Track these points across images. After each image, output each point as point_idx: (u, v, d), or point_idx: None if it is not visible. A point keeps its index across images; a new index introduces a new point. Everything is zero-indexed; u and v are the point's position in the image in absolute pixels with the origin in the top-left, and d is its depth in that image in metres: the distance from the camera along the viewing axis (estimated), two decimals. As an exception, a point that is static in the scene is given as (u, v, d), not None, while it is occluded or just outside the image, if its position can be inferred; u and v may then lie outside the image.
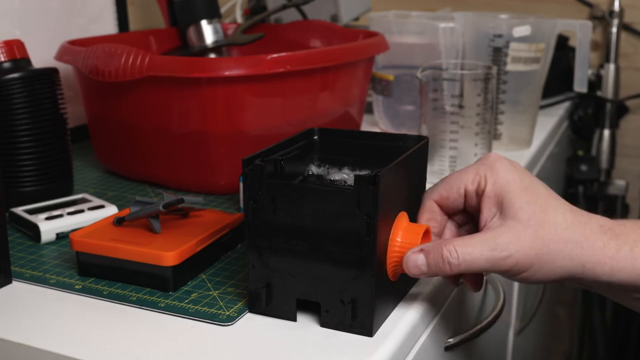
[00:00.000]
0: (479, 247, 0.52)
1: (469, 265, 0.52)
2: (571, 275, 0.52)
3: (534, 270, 0.52)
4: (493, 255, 0.51)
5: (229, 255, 0.67)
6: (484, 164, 0.56)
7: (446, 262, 0.52)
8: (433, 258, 0.52)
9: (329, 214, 0.51)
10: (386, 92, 1.06)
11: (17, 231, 0.73)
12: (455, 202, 0.57)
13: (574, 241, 0.52)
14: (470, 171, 0.56)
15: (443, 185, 0.58)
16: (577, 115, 1.41)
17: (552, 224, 0.52)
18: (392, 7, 1.36)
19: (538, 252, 0.51)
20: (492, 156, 0.56)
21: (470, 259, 0.51)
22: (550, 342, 1.65)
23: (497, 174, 0.55)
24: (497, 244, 0.51)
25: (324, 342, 0.52)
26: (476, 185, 0.56)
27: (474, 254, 0.51)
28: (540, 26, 0.98)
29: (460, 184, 0.56)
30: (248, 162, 0.54)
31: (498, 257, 0.51)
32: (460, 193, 0.57)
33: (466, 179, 0.56)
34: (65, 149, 0.81)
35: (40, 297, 0.59)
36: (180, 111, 0.79)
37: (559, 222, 0.52)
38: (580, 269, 0.52)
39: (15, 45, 0.77)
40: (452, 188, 0.57)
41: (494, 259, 0.51)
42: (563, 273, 0.52)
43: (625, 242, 0.52)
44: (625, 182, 1.52)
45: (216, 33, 1.00)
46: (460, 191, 0.56)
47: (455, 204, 0.57)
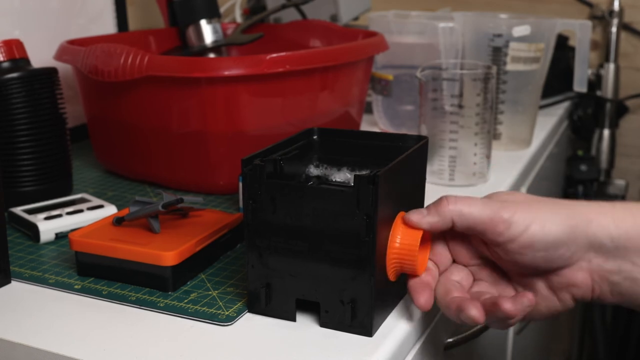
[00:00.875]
0: (476, 199, 0.53)
1: (468, 207, 0.52)
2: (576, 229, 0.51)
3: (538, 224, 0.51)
4: (490, 202, 0.52)
5: (229, 255, 0.67)
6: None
7: (444, 200, 0.53)
8: (433, 203, 0.54)
9: (328, 214, 0.51)
10: (386, 92, 1.06)
11: (16, 231, 0.73)
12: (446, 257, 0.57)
13: (572, 201, 0.54)
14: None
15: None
16: (577, 115, 1.41)
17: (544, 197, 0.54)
18: (392, 7, 1.36)
19: (539, 202, 0.53)
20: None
21: (468, 201, 0.52)
22: (550, 342, 1.65)
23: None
24: (494, 199, 0.53)
25: (323, 342, 0.52)
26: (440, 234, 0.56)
27: (472, 200, 0.53)
28: (540, 26, 0.98)
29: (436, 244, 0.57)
30: (247, 162, 0.54)
31: (496, 203, 0.52)
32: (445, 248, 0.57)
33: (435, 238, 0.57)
34: (65, 149, 0.81)
35: (39, 297, 0.59)
36: (179, 111, 0.79)
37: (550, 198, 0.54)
38: (585, 220, 0.51)
39: (14, 45, 0.77)
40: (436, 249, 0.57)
41: (492, 204, 0.52)
42: (568, 227, 0.51)
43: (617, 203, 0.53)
44: (625, 182, 1.52)
45: (215, 33, 1.00)
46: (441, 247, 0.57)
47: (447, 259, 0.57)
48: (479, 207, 0.52)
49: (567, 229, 0.51)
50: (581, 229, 0.52)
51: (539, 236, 0.51)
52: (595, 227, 0.52)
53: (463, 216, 0.52)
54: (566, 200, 0.54)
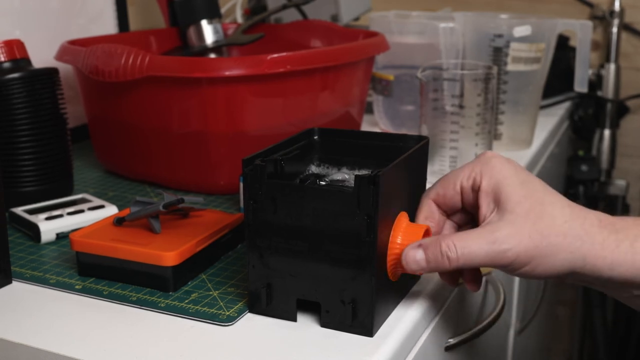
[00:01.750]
0: (477, 241, 0.51)
1: (468, 260, 0.51)
2: (572, 269, 0.52)
3: (535, 264, 0.51)
4: (492, 249, 0.51)
5: (229, 255, 0.67)
6: (479, 161, 0.56)
7: (445, 257, 0.51)
8: (432, 253, 0.52)
9: (329, 214, 0.51)
10: (386, 92, 1.06)
11: (17, 231, 0.73)
12: (452, 199, 0.57)
13: (574, 235, 0.51)
14: (465, 168, 0.56)
15: (439, 184, 0.58)
16: (578, 115, 1.41)
17: (550, 217, 0.52)
18: (393, 7, 1.36)
19: (538, 245, 0.51)
20: (487, 153, 0.56)
21: (469, 253, 0.51)
22: (551, 342, 1.65)
23: (493, 170, 0.54)
24: (496, 238, 0.51)
25: (324, 342, 0.52)
26: (472, 181, 0.55)
27: (473, 247, 0.51)
28: (540, 26, 0.98)
29: (456, 181, 0.56)
30: (248, 162, 0.54)
31: (497, 250, 0.51)
32: (456, 190, 0.56)
33: (462, 176, 0.56)
34: (66, 149, 0.81)
35: (40, 297, 0.59)
36: (180, 111, 0.79)
37: (557, 216, 0.52)
38: (581, 262, 0.51)
39: (15, 45, 0.77)
40: (449, 185, 0.57)
41: (493, 252, 0.51)
42: (563, 267, 0.52)
43: (626, 237, 0.51)
44: (626, 182, 1.51)
45: (216, 33, 1.00)
46: (457, 188, 0.56)
47: (452, 201, 0.57)
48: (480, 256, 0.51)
49: (561, 270, 0.52)
50: (576, 269, 0.52)
51: (532, 274, 0.52)
52: (590, 269, 0.52)
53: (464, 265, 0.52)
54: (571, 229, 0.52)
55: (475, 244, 0.51)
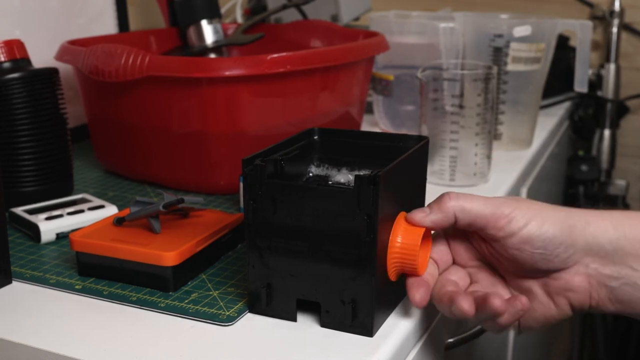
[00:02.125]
0: (478, 196, 0.54)
1: (470, 203, 0.53)
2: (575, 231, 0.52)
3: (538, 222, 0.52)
4: (491, 200, 0.53)
5: (229, 256, 0.67)
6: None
7: (446, 197, 0.53)
8: (434, 201, 0.54)
9: (329, 214, 0.51)
10: (386, 92, 1.06)
11: (17, 231, 0.73)
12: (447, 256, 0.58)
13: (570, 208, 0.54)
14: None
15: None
16: (578, 115, 1.41)
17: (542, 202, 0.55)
18: (393, 7, 1.36)
19: (539, 204, 0.53)
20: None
21: (469, 197, 0.53)
22: (551, 342, 1.65)
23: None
24: (495, 197, 0.54)
25: (324, 342, 0.52)
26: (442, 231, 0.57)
27: (473, 196, 0.53)
28: (540, 26, 0.98)
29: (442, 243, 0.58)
30: (248, 162, 0.54)
31: (497, 200, 0.53)
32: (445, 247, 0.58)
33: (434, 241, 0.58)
34: (66, 149, 0.81)
35: (40, 297, 0.59)
36: (180, 111, 0.79)
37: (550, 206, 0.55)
38: (584, 223, 0.52)
39: (15, 45, 0.77)
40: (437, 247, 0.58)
41: (493, 200, 0.53)
42: (566, 227, 0.52)
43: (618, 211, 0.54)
44: (626, 182, 1.51)
45: (216, 33, 1.00)
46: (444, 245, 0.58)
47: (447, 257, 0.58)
48: (481, 202, 0.53)
49: (566, 227, 0.52)
50: (579, 230, 0.53)
51: (537, 232, 0.52)
52: (594, 229, 0.53)
53: (465, 211, 0.53)
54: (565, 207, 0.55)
55: (475, 196, 0.54)
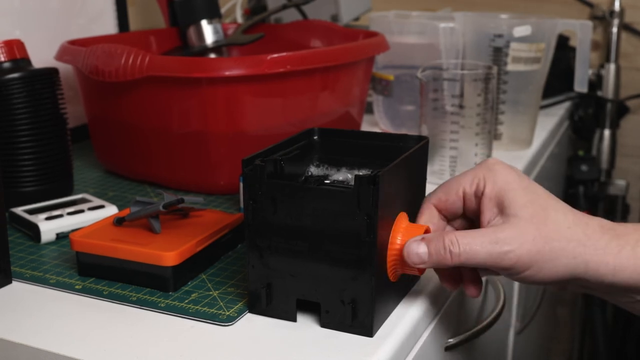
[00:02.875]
0: (479, 239, 0.51)
1: (470, 257, 0.51)
2: (574, 274, 0.52)
3: (536, 269, 0.51)
4: (494, 249, 0.51)
5: (229, 255, 0.67)
6: (482, 167, 0.56)
7: (447, 251, 0.51)
8: (434, 247, 0.52)
9: (329, 214, 0.51)
10: (386, 92, 1.06)
11: (17, 231, 0.73)
12: (453, 205, 0.57)
13: (576, 240, 0.52)
14: (468, 174, 0.56)
15: (441, 189, 0.58)
16: (578, 115, 1.41)
17: (554, 222, 0.52)
18: (393, 7, 1.36)
19: (540, 250, 0.51)
20: (490, 160, 0.56)
21: (471, 250, 0.51)
22: (551, 342, 1.65)
23: (496, 175, 0.55)
24: (499, 238, 0.51)
25: (324, 342, 0.52)
26: (475, 187, 0.55)
27: (475, 245, 0.51)
28: (540, 26, 0.98)
29: (459, 187, 0.56)
30: (248, 162, 0.54)
31: (499, 251, 0.51)
32: (458, 195, 0.56)
33: (464, 182, 0.56)
34: (65, 149, 0.81)
35: (40, 297, 0.59)
36: (180, 111, 0.79)
37: (560, 221, 0.52)
38: (583, 268, 0.51)
39: (15, 45, 0.77)
40: (451, 191, 0.57)
41: (496, 252, 0.51)
42: (565, 272, 0.52)
43: (627, 242, 0.51)
44: (626, 182, 1.51)
45: (216, 33, 1.00)
46: (459, 194, 0.56)
47: (454, 207, 0.57)
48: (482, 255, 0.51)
49: (563, 276, 0.52)
50: (579, 275, 0.52)
51: (534, 279, 0.52)
52: (592, 275, 0.52)
53: (463, 264, 0.52)
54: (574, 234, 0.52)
55: (477, 242, 0.51)
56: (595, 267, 0.51)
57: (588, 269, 0.52)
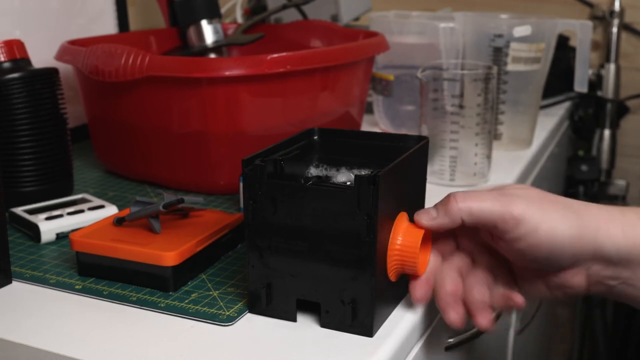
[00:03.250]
0: (486, 193, 0.53)
1: (478, 204, 0.52)
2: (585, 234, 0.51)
3: (547, 225, 0.51)
4: (502, 197, 0.52)
5: (229, 255, 0.67)
6: None
7: (452, 199, 0.52)
8: (441, 203, 0.53)
9: (329, 214, 0.51)
10: (386, 92, 1.06)
11: (17, 231, 0.73)
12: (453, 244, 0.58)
13: (583, 204, 0.53)
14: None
15: None
16: (578, 115, 1.41)
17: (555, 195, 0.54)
18: (393, 7, 1.36)
19: (548, 203, 0.52)
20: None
21: (477, 197, 0.52)
22: (551, 342, 1.65)
23: None
24: (505, 191, 0.53)
25: (324, 342, 0.52)
26: None
27: (482, 195, 0.52)
28: (540, 26, 0.98)
29: None
30: (248, 162, 0.54)
31: (507, 196, 0.52)
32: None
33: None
34: (65, 149, 0.81)
35: (40, 297, 0.59)
36: (180, 111, 0.79)
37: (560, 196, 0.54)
38: (594, 226, 0.51)
39: (15, 45, 0.77)
40: None
41: (503, 199, 0.51)
42: (577, 232, 0.51)
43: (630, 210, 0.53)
44: (626, 182, 1.51)
45: (216, 33, 1.00)
46: None
47: None
48: (489, 202, 0.52)
49: (575, 234, 0.51)
50: (588, 237, 0.51)
51: (545, 237, 0.51)
52: (603, 237, 0.51)
53: (472, 214, 0.52)
54: (577, 203, 0.53)
55: (484, 194, 0.53)
56: (604, 227, 0.51)
57: (599, 229, 0.51)
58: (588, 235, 0.51)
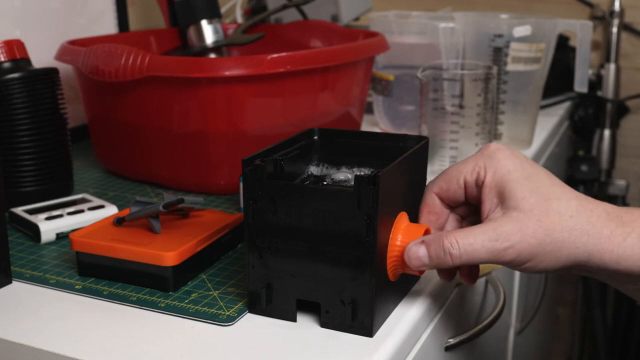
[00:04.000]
0: (480, 237, 0.51)
1: (470, 257, 0.51)
2: (576, 263, 0.51)
3: (538, 260, 0.51)
4: (494, 247, 0.51)
5: (229, 255, 0.67)
6: (483, 154, 0.55)
7: (447, 254, 0.51)
8: (434, 249, 0.52)
9: (329, 214, 0.51)
10: (386, 92, 1.06)
11: (17, 231, 0.73)
12: (455, 193, 0.57)
13: (579, 229, 0.51)
14: (469, 162, 0.56)
15: (443, 177, 0.57)
16: (578, 115, 1.41)
17: (556, 212, 0.51)
18: (393, 7, 1.36)
19: (541, 242, 0.51)
20: (492, 146, 0.55)
21: (472, 250, 0.51)
22: (551, 342, 1.65)
23: (497, 164, 0.54)
24: (499, 235, 0.51)
25: (324, 342, 0.52)
26: (475, 175, 0.55)
27: (475, 245, 0.51)
28: (540, 26, 0.98)
29: (460, 175, 0.56)
30: (248, 162, 0.54)
31: (499, 248, 0.51)
32: (459, 184, 0.56)
33: (465, 170, 0.56)
34: (65, 149, 0.81)
35: (40, 297, 0.59)
36: (180, 111, 0.79)
37: (563, 211, 0.51)
38: (586, 256, 0.51)
39: (15, 45, 0.77)
40: (452, 179, 0.56)
41: (495, 250, 0.51)
42: (568, 261, 0.51)
43: (633, 230, 0.51)
44: (626, 182, 1.51)
45: (216, 33, 1.00)
46: (460, 182, 0.56)
47: (455, 195, 0.57)
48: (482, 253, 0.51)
49: (564, 265, 0.52)
50: (580, 264, 0.52)
51: (535, 269, 0.52)
52: (595, 263, 0.51)
53: (463, 261, 0.52)
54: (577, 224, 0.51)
55: (477, 241, 0.51)
56: (598, 255, 0.51)
57: (591, 257, 0.51)
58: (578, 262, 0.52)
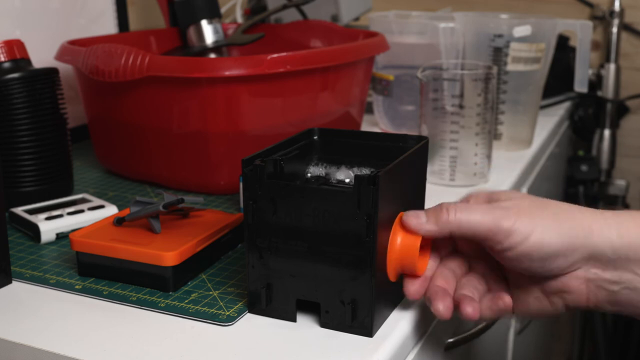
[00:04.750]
0: (478, 206, 0.52)
1: (466, 218, 0.51)
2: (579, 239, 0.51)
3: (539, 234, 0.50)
4: (492, 209, 0.51)
5: (229, 255, 0.67)
6: None
7: (444, 210, 0.52)
8: (432, 210, 0.53)
9: (329, 215, 0.51)
10: (386, 92, 1.06)
11: (17, 231, 0.73)
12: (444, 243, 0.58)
13: (576, 209, 0.53)
14: None
15: None
16: (578, 115, 1.41)
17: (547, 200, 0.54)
18: (393, 7, 1.36)
19: (540, 209, 0.52)
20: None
21: (468, 209, 0.52)
22: (551, 342, 1.65)
23: None
24: (496, 206, 0.52)
25: (323, 342, 0.52)
26: None
27: (473, 208, 0.52)
28: (540, 26, 0.98)
29: None
30: (248, 162, 0.54)
31: (497, 211, 0.51)
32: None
33: None
34: (65, 149, 0.81)
35: (40, 297, 0.59)
36: (180, 111, 0.79)
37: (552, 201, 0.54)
38: (587, 229, 0.51)
39: (15, 45, 0.77)
40: None
41: (493, 212, 0.51)
42: (571, 237, 0.51)
43: (624, 213, 0.53)
44: (626, 182, 1.51)
45: (216, 33, 1.00)
46: None
47: None
48: (479, 215, 0.51)
49: (567, 240, 0.51)
50: (582, 240, 0.51)
51: (537, 246, 0.51)
52: (597, 238, 0.51)
53: (462, 227, 0.52)
54: (570, 208, 0.53)
55: (475, 206, 0.52)
56: (598, 229, 0.51)
57: (592, 232, 0.51)
58: (580, 238, 0.51)
